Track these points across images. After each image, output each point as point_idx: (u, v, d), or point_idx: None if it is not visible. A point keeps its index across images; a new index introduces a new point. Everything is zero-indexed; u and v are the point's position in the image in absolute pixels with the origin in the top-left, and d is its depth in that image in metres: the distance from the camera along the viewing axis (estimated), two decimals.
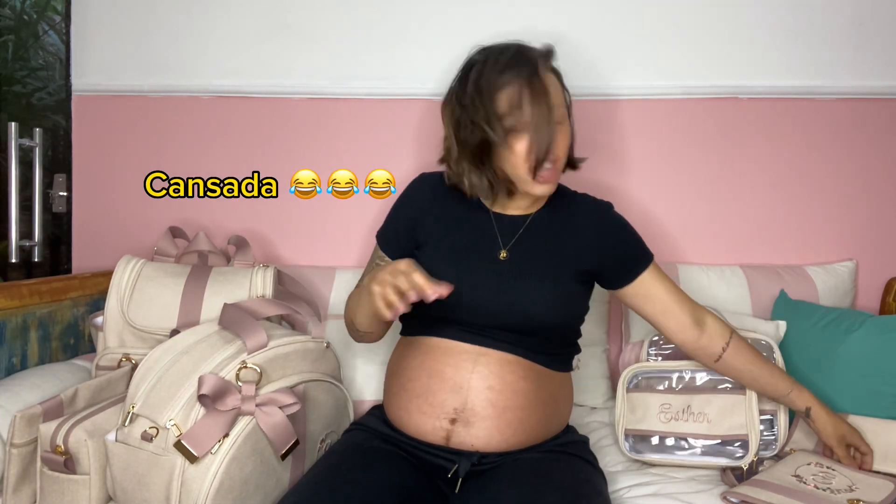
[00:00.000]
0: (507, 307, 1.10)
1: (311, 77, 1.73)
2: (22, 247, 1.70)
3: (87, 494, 1.05)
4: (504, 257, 1.14)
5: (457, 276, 1.06)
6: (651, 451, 1.26)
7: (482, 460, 1.06)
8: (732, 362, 1.20)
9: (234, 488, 1.00)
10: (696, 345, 1.20)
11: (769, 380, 1.20)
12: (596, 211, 1.22)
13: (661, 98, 1.69)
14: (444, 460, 1.07)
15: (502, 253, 1.15)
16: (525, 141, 1.06)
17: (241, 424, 1.01)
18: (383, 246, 1.25)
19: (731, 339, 1.20)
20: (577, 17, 1.69)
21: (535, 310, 1.10)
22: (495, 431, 1.06)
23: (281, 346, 1.12)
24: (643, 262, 1.19)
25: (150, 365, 1.10)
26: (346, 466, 1.02)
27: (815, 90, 1.67)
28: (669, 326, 1.20)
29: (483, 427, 1.05)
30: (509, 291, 1.11)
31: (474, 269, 1.13)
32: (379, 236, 1.26)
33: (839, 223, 1.70)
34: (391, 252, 1.23)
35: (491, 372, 1.07)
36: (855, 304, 1.68)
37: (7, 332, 1.28)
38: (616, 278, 1.20)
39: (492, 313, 1.10)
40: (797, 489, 1.06)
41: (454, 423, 1.06)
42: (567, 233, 1.18)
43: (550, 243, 1.16)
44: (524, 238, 1.16)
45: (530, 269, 1.13)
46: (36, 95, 3.14)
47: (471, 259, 1.14)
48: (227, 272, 1.39)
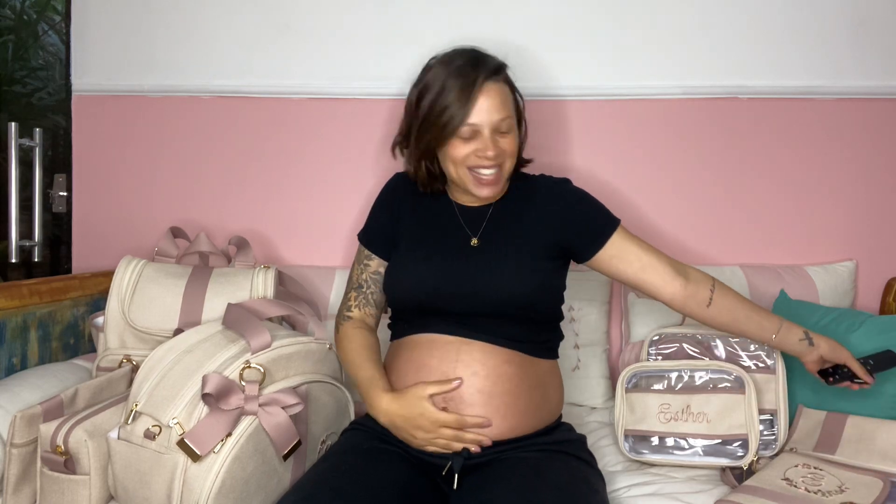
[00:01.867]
0: (484, 289, 1.13)
1: (310, 77, 1.74)
2: (22, 247, 1.70)
3: (86, 494, 1.05)
4: (475, 244, 1.18)
5: (431, 268, 1.16)
6: (651, 452, 1.27)
7: (473, 455, 1.07)
8: (723, 302, 1.18)
9: (236, 488, 1.00)
10: (685, 293, 1.17)
11: (761, 317, 1.19)
12: (555, 187, 1.25)
13: (660, 98, 1.69)
14: (439, 458, 1.08)
15: (473, 240, 1.19)
16: (466, 147, 1.12)
17: (243, 424, 1.01)
18: (368, 245, 1.28)
19: (715, 282, 1.20)
20: (576, 16, 1.69)
21: (510, 289, 1.13)
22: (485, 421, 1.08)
23: (284, 346, 1.12)
24: (609, 227, 1.19)
25: (153, 363, 1.10)
26: (347, 466, 1.02)
27: (815, 90, 1.67)
28: (654, 282, 1.18)
29: (473, 414, 1.07)
30: (484, 273, 1.14)
31: (448, 259, 1.17)
32: (361, 237, 1.30)
33: (839, 223, 1.71)
34: (376, 249, 1.27)
35: (474, 359, 1.10)
36: (855, 304, 1.69)
37: (7, 332, 1.28)
38: (585, 247, 1.19)
39: (469, 298, 1.13)
40: (789, 494, 1.05)
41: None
42: (531, 213, 1.21)
43: (517, 225, 1.20)
44: (491, 225, 1.20)
45: (501, 251, 1.17)
46: (36, 95, 3.15)
47: (443, 250, 1.19)
48: (228, 273, 1.39)
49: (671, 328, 1.37)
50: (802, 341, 1.19)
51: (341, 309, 1.28)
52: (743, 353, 1.31)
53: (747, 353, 1.30)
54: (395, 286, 1.20)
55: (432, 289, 1.14)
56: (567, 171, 1.68)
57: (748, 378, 1.25)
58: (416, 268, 1.18)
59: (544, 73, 1.69)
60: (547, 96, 1.69)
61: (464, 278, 1.14)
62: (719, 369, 1.27)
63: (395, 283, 1.20)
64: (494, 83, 1.12)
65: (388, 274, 1.23)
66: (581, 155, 1.72)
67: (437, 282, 1.14)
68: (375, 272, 1.26)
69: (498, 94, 1.12)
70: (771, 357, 1.30)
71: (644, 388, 1.30)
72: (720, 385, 1.27)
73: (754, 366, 1.30)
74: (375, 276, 1.26)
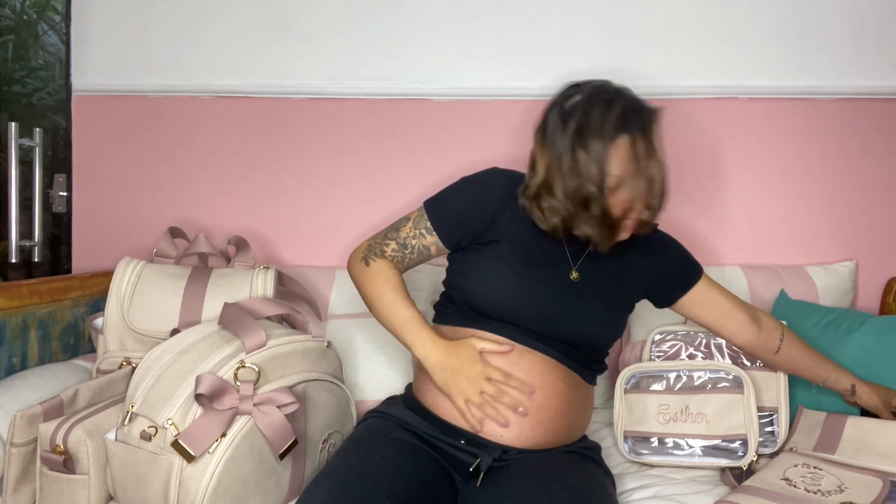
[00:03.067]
0: (573, 327, 1.12)
1: (310, 77, 1.74)
2: (22, 247, 1.70)
3: (86, 494, 1.05)
4: (575, 278, 1.15)
5: (519, 285, 1.11)
6: (651, 453, 1.26)
7: (504, 455, 1.07)
8: (790, 352, 1.25)
9: (232, 488, 1.00)
10: (758, 340, 1.24)
11: (819, 363, 1.26)
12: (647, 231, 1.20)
13: (660, 98, 1.69)
14: (466, 454, 1.07)
15: (573, 274, 1.15)
16: (625, 194, 1.05)
17: (238, 424, 1.01)
18: (436, 222, 1.17)
19: (784, 330, 1.26)
20: (577, 16, 1.69)
21: (591, 329, 1.13)
22: (527, 427, 1.07)
23: (280, 345, 1.12)
24: (695, 276, 1.24)
25: (149, 364, 1.10)
26: (378, 456, 1.01)
27: (815, 90, 1.67)
28: (732, 329, 1.24)
29: (516, 421, 1.07)
30: (579, 314, 1.13)
31: (544, 285, 1.13)
32: (430, 207, 1.18)
33: (839, 223, 1.70)
34: (443, 231, 1.16)
35: (534, 368, 1.09)
36: (855, 304, 1.68)
37: (7, 332, 1.28)
38: (671, 293, 1.24)
39: (555, 328, 1.11)
40: (788, 494, 1.05)
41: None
42: (626, 255, 1.18)
43: (614, 266, 1.18)
44: (590, 259, 1.16)
45: (597, 293, 1.15)
46: (36, 95, 3.15)
47: (541, 273, 1.14)
48: (228, 274, 1.39)
49: (671, 328, 1.36)
50: (846, 391, 1.27)
51: (371, 245, 1.20)
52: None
53: None
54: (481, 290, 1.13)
55: (524, 307, 1.10)
56: None
57: (747, 377, 1.25)
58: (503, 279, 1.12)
59: (545, 72, 1.70)
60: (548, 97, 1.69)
61: (557, 311, 1.12)
62: (718, 369, 1.27)
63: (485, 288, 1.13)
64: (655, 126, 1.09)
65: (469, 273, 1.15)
66: None
67: (531, 304, 1.11)
68: (426, 247, 1.18)
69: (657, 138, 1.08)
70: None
71: (643, 389, 1.30)
72: (719, 385, 1.27)
73: (754, 365, 1.30)
74: (423, 250, 1.19)
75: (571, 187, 1.05)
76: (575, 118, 1.05)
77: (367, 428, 1.13)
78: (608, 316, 1.16)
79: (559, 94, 1.11)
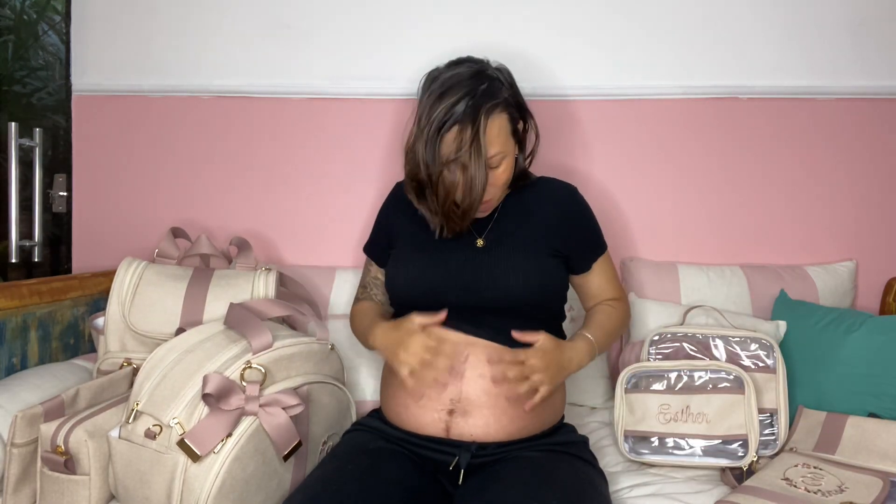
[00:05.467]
0: (491, 286, 1.14)
1: (310, 77, 1.74)
2: (22, 247, 1.70)
3: (86, 495, 1.05)
4: (481, 245, 1.19)
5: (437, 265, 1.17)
6: (651, 453, 1.26)
7: (480, 451, 1.07)
8: (591, 314, 1.29)
9: (236, 488, 1.00)
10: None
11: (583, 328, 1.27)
12: (561, 192, 1.28)
13: (661, 98, 1.69)
14: (445, 454, 1.08)
15: (479, 241, 1.19)
16: (456, 179, 1.09)
17: (244, 424, 1.01)
18: (369, 251, 1.37)
19: (613, 303, 1.29)
20: (578, 16, 1.69)
21: (517, 285, 1.14)
22: (492, 420, 1.08)
23: (286, 346, 1.12)
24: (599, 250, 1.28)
25: (154, 363, 1.10)
26: (353, 467, 1.02)
27: (815, 90, 1.67)
28: (588, 304, 1.32)
29: (480, 416, 1.08)
30: (492, 271, 1.15)
31: (454, 258, 1.18)
32: (367, 250, 1.37)
33: (839, 223, 1.71)
34: (373, 254, 1.35)
35: (480, 361, 1.10)
36: (855, 304, 1.68)
37: (7, 332, 1.28)
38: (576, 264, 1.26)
39: (476, 294, 1.14)
40: (788, 494, 1.05)
41: (452, 415, 1.08)
42: (536, 214, 1.22)
43: (523, 227, 1.21)
44: (496, 227, 1.21)
45: (507, 251, 1.18)
46: (36, 95, 3.15)
47: (449, 250, 1.19)
48: (230, 275, 1.38)
49: (671, 328, 1.37)
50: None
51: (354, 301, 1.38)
52: (742, 353, 1.31)
53: (747, 353, 1.31)
54: (396, 281, 1.22)
55: (437, 285, 1.15)
56: (566, 171, 1.68)
57: (747, 378, 1.25)
58: (417, 264, 1.19)
59: (546, 72, 1.70)
60: (549, 96, 1.69)
61: (470, 275, 1.15)
62: (719, 369, 1.27)
63: (396, 277, 1.22)
64: (494, 116, 1.10)
65: (388, 270, 1.26)
66: (581, 155, 1.72)
67: (443, 279, 1.16)
68: (376, 277, 1.36)
69: (488, 130, 1.09)
70: (770, 357, 1.30)
71: (643, 389, 1.30)
72: (720, 385, 1.27)
73: (754, 365, 1.30)
74: (375, 281, 1.35)
75: (408, 172, 1.15)
76: (420, 107, 1.13)
77: (349, 441, 1.14)
78: (527, 272, 1.15)
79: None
